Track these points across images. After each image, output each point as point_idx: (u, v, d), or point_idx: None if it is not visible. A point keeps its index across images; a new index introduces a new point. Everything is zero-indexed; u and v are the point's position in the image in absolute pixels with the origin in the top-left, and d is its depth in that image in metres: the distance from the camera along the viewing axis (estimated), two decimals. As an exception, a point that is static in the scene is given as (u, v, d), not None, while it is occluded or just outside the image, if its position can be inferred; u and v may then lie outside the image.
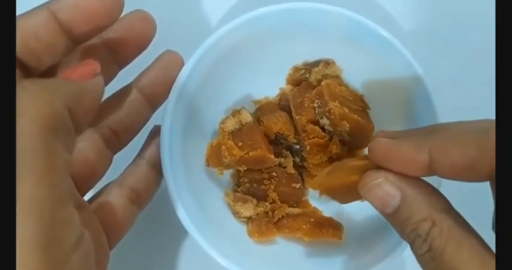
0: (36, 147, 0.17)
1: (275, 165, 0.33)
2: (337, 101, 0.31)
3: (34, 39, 0.22)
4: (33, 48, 0.22)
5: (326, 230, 0.32)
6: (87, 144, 0.27)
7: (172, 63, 0.29)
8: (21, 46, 0.22)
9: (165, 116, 0.29)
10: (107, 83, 0.27)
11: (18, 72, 0.22)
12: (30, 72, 0.23)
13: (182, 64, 0.29)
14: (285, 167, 0.33)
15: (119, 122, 0.28)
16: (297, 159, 0.35)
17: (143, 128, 0.30)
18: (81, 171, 0.26)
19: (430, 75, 0.31)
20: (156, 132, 0.30)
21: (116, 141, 0.29)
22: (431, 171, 0.21)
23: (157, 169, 0.29)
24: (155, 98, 0.29)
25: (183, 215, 0.29)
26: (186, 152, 0.31)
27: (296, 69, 0.36)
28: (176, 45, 0.30)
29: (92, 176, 0.27)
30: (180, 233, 0.29)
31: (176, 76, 0.28)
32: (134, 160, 0.30)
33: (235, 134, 0.32)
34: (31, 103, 0.18)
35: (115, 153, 0.29)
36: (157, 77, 0.29)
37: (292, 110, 0.33)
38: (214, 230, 0.31)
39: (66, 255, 0.18)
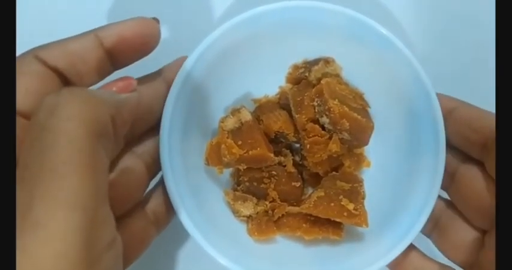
0: (82, 149, 0.18)
1: (275, 164, 0.32)
2: (336, 100, 0.30)
3: (81, 62, 0.24)
4: (79, 70, 0.24)
5: (326, 228, 0.32)
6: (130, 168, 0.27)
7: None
8: (68, 66, 0.23)
9: (165, 114, 0.29)
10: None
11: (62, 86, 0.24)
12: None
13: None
14: (284, 166, 0.33)
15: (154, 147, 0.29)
16: (297, 158, 0.34)
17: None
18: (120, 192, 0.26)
19: (431, 73, 0.31)
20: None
21: (154, 165, 0.29)
22: None
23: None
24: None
25: (182, 214, 0.28)
26: (186, 151, 0.31)
27: (296, 67, 0.35)
28: (177, 44, 0.30)
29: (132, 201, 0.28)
30: (180, 232, 0.29)
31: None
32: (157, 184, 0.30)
33: (234, 133, 0.31)
34: (80, 108, 0.19)
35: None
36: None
37: (292, 108, 0.32)
38: (214, 229, 0.30)
39: (100, 254, 0.19)
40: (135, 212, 0.27)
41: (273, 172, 0.33)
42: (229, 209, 0.33)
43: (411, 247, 0.29)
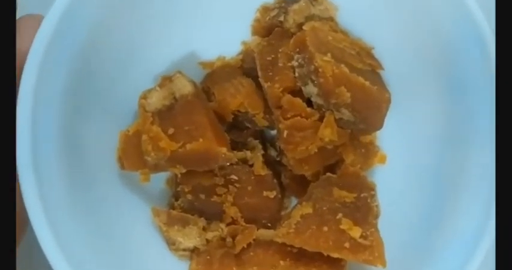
0: None
1: (236, 163, 0.28)
2: (329, 54, 0.25)
3: None
4: None
5: (318, 269, 0.26)
6: None
7: (31, 27, 0.24)
8: None
9: (21, 93, 0.22)
10: None
11: None
12: None
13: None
14: (251, 166, 0.28)
15: None
16: (273, 153, 0.30)
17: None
18: None
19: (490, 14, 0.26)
20: None
21: None
22: None
23: None
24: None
25: (53, 253, 0.22)
26: (78, 149, 0.25)
27: (265, 9, 0.30)
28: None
29: None
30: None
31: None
32: None
33: (164, 115, 0.26)
34: None
35: None
36: None
37: (260, 73, 0.28)
38: None
39: None
40: None
41: (232, 176, 0.28)
42: (163, 238, 0.28)
43: None
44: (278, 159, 0.30)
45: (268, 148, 0.30)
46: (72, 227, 0.23)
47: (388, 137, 0.30)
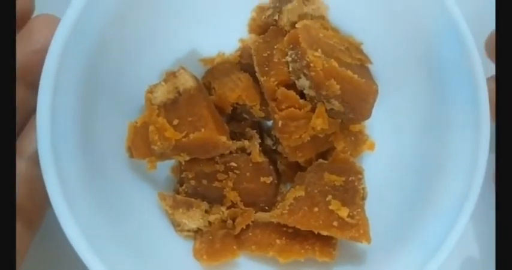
0: None
1: (235, 152, 0.28)
2: (319, 50, 0.26)
3: None
4: None
5: (311, 246, 0.27)
6: None
7: (46, 26, 0.25)
8: None
9: (41, 88, 0.23)
10: None
11: None
12: None
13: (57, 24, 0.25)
14: (249, 154, 0.29)
15: None
16: (269, 142, 0.30)
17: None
18: None
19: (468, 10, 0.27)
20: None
21: None
22: None
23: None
24: (31, 74, 0.25)
25: (74, 235, 0.22)
26: (92, 139, 0.25)
27: (261, 9, 0.31)
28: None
29: None
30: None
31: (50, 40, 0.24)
32: None
33: (169, 108, 0.27)
34: None
35: None
36: (28, 47, 0.25)
37: (256, 69, 0.28)
38: (137, 253, 0.25)
39: None
40: None
41: (232, 164, 0.28)
42: (169, 220, 0.28)
43: None
44: (274, 147, 0.30)
45: (264, 137, 0.30)
46: (89, 211, 0.24)
47: (377, 125, 0.30)
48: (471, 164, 0.25)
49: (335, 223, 0.25)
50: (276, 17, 0.30)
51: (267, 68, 0.28)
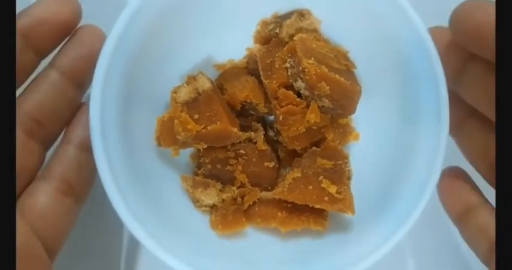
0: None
1: (243, 141, 0.30)
2: (312, 58, 0.27)
3: None
4: None
5: (306, 218, 0.29)
6: None
7: (90, 35, 0.27)
8: None
9: (93, 87, 0.25)
10: (26, 74, 0.26)
11: None
12: None
13: (103, 36, 0.27)
14: (255, 143, 0.30)
15: (38, 106, 0.25)
16: (271, 133, 0.32)
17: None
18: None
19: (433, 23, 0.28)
20: (83, 109, 0.27)
21: (41, 130, 0.26)
22: None
23: (89, 151, 0.25)
24: (79, 75, 0.27)
25: (120, 208, 0.24)
26: (129, 129, 0.27)
27: (265, 23, 0.32)
28: (102, 16, 0.27)
29: (19, 175, 0.25)
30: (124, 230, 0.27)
31: (98, 49, 0.26)
32: (59, 146, 0.27)
33: (190, 105, 0.28)
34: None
35: (48, 147, 0.27)
36: (76, 52, 0.27)
37: (261, 73, 0.30)
38: (166, 224, 0.27)
39: None
40: (39, 187, 0.25)
41: (241, 151, 0.30)
42: (189, 198, 0.30)
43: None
44: (275, 138, 0.31)
45: (267, 130, 0.32)
46: (130, 187, 0.26)
47: (361, 120, 0.32)
48: (434, 150, 0.27)
49: (326, 198, 0.27)
50: (277, 30, 0.31)
51: (269, 73, 0.29)
